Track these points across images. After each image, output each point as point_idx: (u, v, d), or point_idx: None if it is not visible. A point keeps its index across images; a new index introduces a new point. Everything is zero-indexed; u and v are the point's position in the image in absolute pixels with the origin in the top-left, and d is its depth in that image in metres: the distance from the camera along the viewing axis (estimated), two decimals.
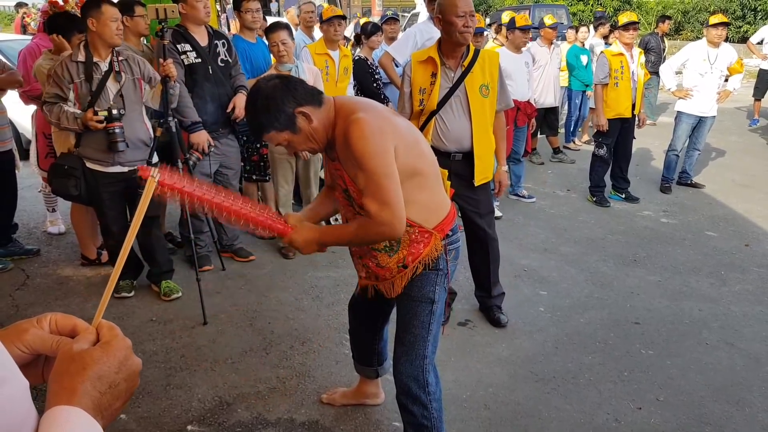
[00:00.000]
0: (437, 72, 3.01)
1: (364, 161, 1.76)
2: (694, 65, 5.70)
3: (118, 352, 0.69)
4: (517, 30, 5.31)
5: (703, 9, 22.79)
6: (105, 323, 0.72)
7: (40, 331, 0.71)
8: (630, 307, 3.62)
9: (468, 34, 2.88)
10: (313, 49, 4.69)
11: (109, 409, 0.66)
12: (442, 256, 2.02)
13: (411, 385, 2.09)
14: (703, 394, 2.77)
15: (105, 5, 3.20)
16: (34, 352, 0.70)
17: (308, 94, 1.86)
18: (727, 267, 4.20)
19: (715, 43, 5.61)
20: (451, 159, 3.09)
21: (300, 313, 3.48)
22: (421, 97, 3.05)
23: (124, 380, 0.68)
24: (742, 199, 5.73)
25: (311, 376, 2.87)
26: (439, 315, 2.14)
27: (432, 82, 3.01)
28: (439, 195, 2.02)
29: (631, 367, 2.99)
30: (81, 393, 0.63)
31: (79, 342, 0.69)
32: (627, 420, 2.59)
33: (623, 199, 5.65)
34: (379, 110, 1.91)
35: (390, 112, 2.00)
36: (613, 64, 5.29)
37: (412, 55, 3.15)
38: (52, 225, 4.76)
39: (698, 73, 5.67)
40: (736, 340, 3.24)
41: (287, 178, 4.21)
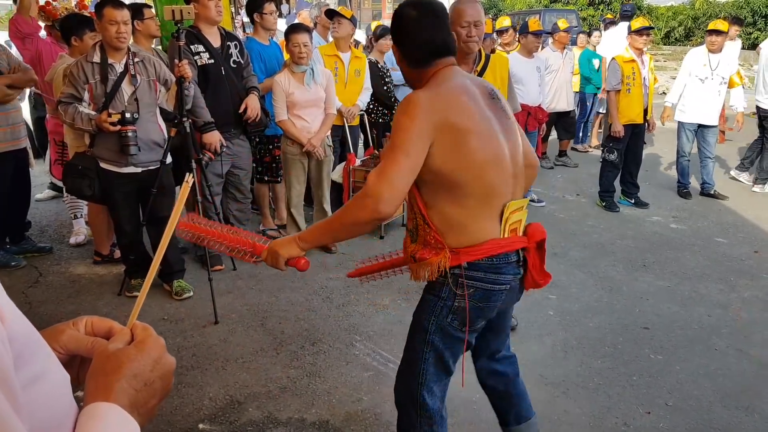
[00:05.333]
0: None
1: (392, 133, 1.68)
2: (695, 70, 5.70)
3: (153, 350, 0.70)
4: (530, 34, 5.32)
5: (713, 15, 22.71)
6: (139, 324, 0.74)
7: (76, 332, 0.72)
8: (639, 312, 3.62)
9: (472, 43, 2.88)
10: (323, 50, 4.73)
11: (145, 406, 0.67)
12: (448, 285, 1.77)
13: (402, 399, 1.95)
14: (711, 399, 2.78)
15: (107, 8, 3.20)
16: (70, 352, 0.71)
17: (431, 48, 1.78)
18: (737, 273, 4.20)
19: (714, 49, 5.61)
20: None
21: (310, 314, 3.50)
22: None
23: (159, 378, 0.69)
24: (752, 206, 5.72)
25: (321, 376, 2.89)
26: (441, 349, 1.85)
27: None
28: (480, 221, 1.75)
29: (640, 371, 2.99)
30: (117, 390, 0.64)
31: (115, 342, 0.70)
32: (636, 424, 2.60)
33: (632, 204, 5.65)
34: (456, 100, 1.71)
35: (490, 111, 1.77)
36: (625, 71, 5.29)
37: None
38: (74, 235, 4.60)
39: (699, 78, 5.67)
40: (745, 346, 3.24)
41: (299, 179, 4.24)
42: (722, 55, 5.68)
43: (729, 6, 26.78)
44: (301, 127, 4.10)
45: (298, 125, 4.10)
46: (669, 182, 6.33)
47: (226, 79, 3.90)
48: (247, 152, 4.19)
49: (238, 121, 3.99)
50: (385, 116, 5.44)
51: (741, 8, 25.56)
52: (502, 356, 2.11)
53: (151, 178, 3.44)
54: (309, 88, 4.08)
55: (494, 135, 1.75)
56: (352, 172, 4.71)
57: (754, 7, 25.23)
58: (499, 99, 1.84)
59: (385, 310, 3.55)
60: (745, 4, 26.52)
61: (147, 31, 4.01)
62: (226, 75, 3.90)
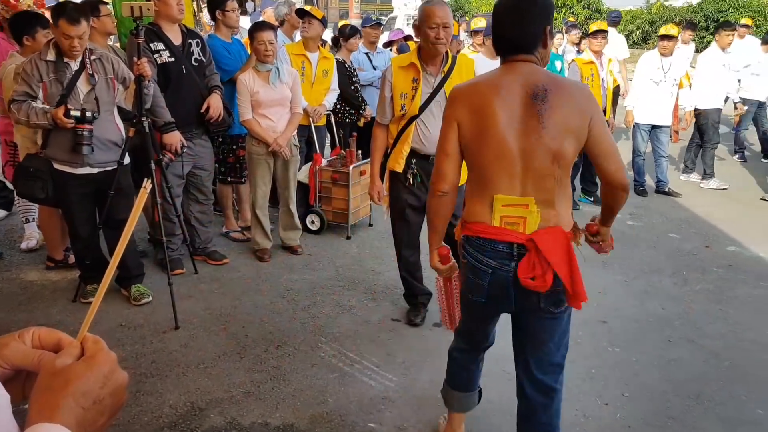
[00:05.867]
0: (419, 78, 3.08)
1: None
2: (649, 73, 5.88)
3: (103, 366, 0.67)
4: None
5: (669, 19, 23.46)
6: (90, 337, 0.71)
7: (22, 345, 0.68)
8: (598, 306, 3.71)
9: (440, 45, 2.98)
10: (290, 49, 4.71)
11: (93, 425, 0.64)
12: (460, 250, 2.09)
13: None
14: (665, 389, 2.87)
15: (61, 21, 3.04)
16: (15, 367, 0.68)
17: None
18: (689, 267, 4.35)
19: (665, 53, 5.81)
20: (429, 161, 3.15)
21: (275, 317, 3.48)
22: (402, 102, 3.10)
23: (109, 395, 0.66)
24: (703, 202, 5.93)
25: (286, 379, 2.88)
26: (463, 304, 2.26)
27: (414, 88, 3.08)
28: (477, 203, 1.97)
29: (598, 364, 3.08)
30: (64, 409, 0.61)
31: (63, 357, 0.67)
32: (594, 415, 2.67)
33: (592, 202, 5.79)
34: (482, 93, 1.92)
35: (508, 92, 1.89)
36: (584, 72, 5.42)
37: (392, 59, 3.23)
38: (25, 240, 4.45)
39: (652, 81, 5.86)
40: (696, 337, 3.36)
41: (265, 179, 4.20)
42: (674, 58, 5.88)
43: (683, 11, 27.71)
44: (267, 127, 4.07)
45: (264, 125, 4.07)
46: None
47: (188, 78, 3.85)
48: (209, 152, 4.14)
49: (199, 120, 3.94)
50: (351, 116, 5.44)
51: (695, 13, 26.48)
52: (536, 377, 2.08)
53: (108, 179, 3.36)
54: (274, 87, 4.05)
55: (505, 132, 1.87)
56: (319, 172, 4.70)
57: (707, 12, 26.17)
58: (543, 101, 1.85)
59: (351, 311, 3.56)
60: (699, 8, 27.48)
61: (103, 28, 3.91)
62: (188, 74, 3.84)
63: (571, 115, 1.86)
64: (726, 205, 5.88)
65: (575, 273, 1.87)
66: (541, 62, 2.00)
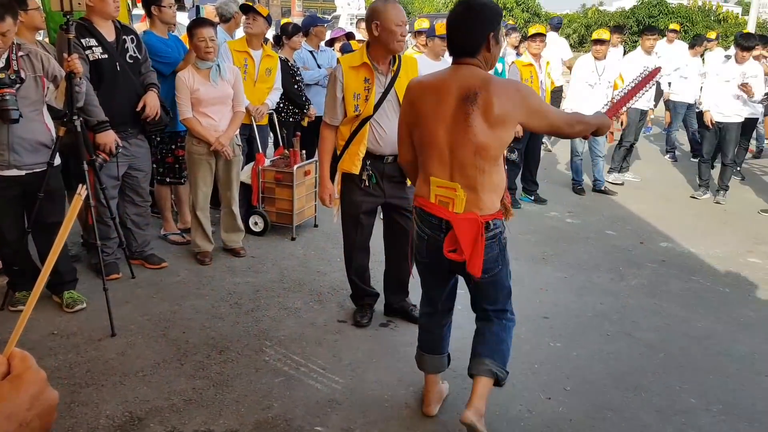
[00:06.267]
0: (371, 77, 3.05)
1: None
2: (584, 77, 6.08)
3: (30, 386, 0.63)
4: (437, 38, 5.43)
5: (603, 23, 24.42)
6: (18, 353, 0.66)
7: None
8: (539, 302, 3.80)
9: (403, 42, 3.04)
10: (233, 45, 4.60)
11: None
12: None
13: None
14: (605, 382, 2.97)
15: None
16: None
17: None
18: (625, 263, 4.52)
19: (598, 56, 6.04)
20: (384, 162, 3.15)
21: (217, 321, 3.39)
22: (356, 103, 3.05)
23: (38, 417, 0.63)
24: (638, 200, 6.19)
25: (229, 385, 2.81)
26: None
27: (367, 88, 3.04)
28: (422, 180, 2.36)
29: (541, 359, 3.15)
30: None
31: None
32: (538, 410, 2.73)
33: (532, 201, 5.94)
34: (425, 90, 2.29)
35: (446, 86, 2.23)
36: (524, 74, 5.55)
37: (341, 59, 3.15)
38: None
39: (588, 84, 6.06)
40: (633, 331, 3.49)
41: (206, 180, 4.08)
42: (607, 61, 6.10)
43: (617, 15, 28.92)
44: (208, 126, 3.96)
45: (205, 123, 3.95)
46: (565, 180, 6.71)
47: (122, 75, 3.69)
48: (145, 153, 3.99)
49: (135, 119, 3.79)
50: (295, 115, 5.37)
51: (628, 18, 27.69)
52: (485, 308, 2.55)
53: (36, 181, 3.18)
54: (215, 84, 3.95)
55: (436, 125, 2.23)
56: (261, 172, 4.61)
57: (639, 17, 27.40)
58: (473, 103, 2.14)
59: (296, 313, 3.51)
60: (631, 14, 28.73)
61: (31, 22, 3.69)
62: (122, 71, 3.69)
63: (498, 115, 2.14)
64: (658, 203, 6.15)
65: (476, 254, 2.25)
66: (487, 65, 2.27)
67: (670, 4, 29.03)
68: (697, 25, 25.57)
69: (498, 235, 2.33)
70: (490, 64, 2.29)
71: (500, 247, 2.36)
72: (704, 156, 6.43)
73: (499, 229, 2.34)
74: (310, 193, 4.81)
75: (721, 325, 3.59)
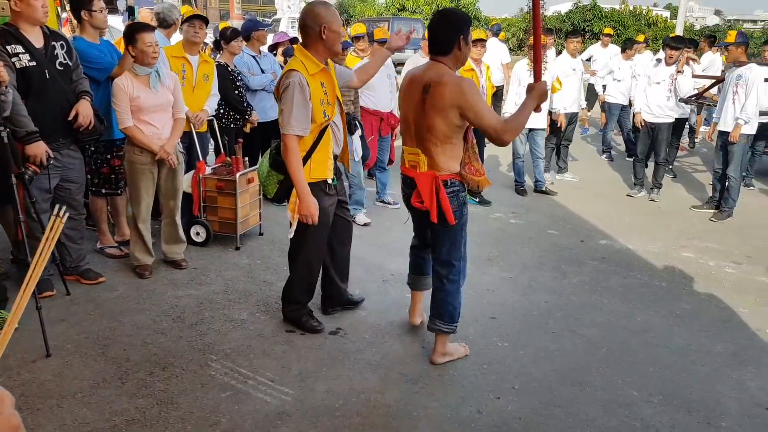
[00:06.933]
0: (327, 81, 3.10)
1: None
2: (521, 80, 6.23)
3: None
4: (376, 43, 5.45)
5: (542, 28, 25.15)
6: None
7: None
8: (487, 303, 3.86)
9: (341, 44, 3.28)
10: (169, 51, 4.47)
11: None
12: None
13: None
14: (551, 379, 3.04)
15: None
16: None
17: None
18: (567, 261, 4.65)
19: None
20: (336, 161, 3.28)
21: (159, 337, 3.27)
22: (323, 108, 3.05)
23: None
24: (577, 200, 6.38)
25: (174, 402, 2.71)
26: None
27: (325, 92, 3.07)
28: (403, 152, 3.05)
29: (489, 359, 3.19)
30: None
31: None
32: (488, 410, 2.76)
33: (477, 202, 6.03)
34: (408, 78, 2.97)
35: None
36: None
37: (297, 67, 2.99)
38: None
39: (525, 88, 6.19)
40: (576, 327, 3.59)
41: (149, 191, 3.94)
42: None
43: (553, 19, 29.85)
44: (151, 134, 3.84)
45: (147, 132, 3.82)
46: (508, 181, 6.85)
47: (52, 83, 3.52)
48: (79, 163, 3.81)
49: (67, 129, 3.61)
50: (237, 121, 5.26)
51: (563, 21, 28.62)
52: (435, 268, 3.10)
53: None
54: (156, 91, 3.83)
55: (408, 108, 2.90)
56: (203, 181, 4.49)
57: (574, 21, 28.38)
58: (427, 92, 2.76)
59: (242, 325, 3.43)
60: (567, 18, 29.71)
61: None
62: (52, 78, 3.52)
63: (440, 104, 2.73)
64: (597, 202, 6.37)
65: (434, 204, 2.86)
66: (458, 61, 2.88)
67: (603, 9, 30.19)
68: (628, 29, 26.67)
69: (456, 192, 2.90)
70: (461, 60, 2.90)
71: (458, 203, 2.91)
72: (638, 155, 6.70)
73: (457, 188, 2.90)
74: (254, 201, 4.72)
75: (659, 319, 3.75)
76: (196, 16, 4.59)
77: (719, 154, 5.94)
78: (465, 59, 2.94)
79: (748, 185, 7.09)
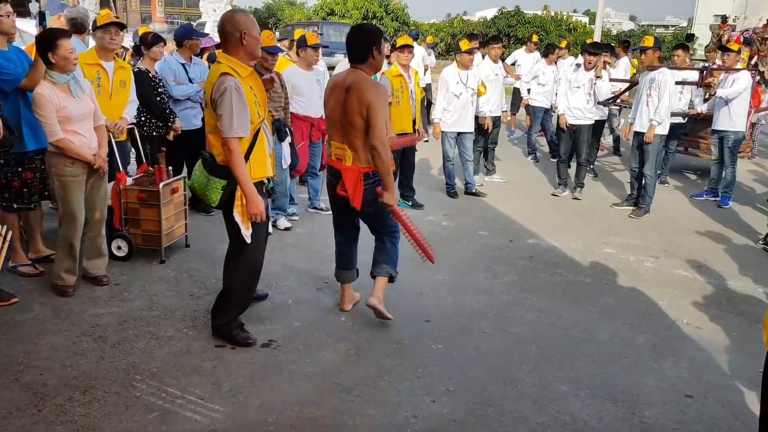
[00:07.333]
0: (254, 83, 3.16)
1: None
2: (450, 86, 6.34)
3: None
4: (309, 48, 5.39)
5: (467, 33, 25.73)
6: None
7: None
8: (421, 306, 3.89)
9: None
10: (82, 58, 4.23)
11: None
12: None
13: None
14: (484, 379, 3.09)
15: None
16: None
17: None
18: (497, 261, 4.76)
19: (465, 65, 6.31)
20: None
21: (79, 358, 3.09)
22: (257, 110, 3.11)
23: None
24: (506, 200, 6.55)
25: (96, 427, 2.57)
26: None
27: (255, 93, 3.13)
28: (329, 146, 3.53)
29: (424, 363, 3.21)
30: None
31: None
32: (423, 414, 2.77)
33: (410, 206, 6.07)
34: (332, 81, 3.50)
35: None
36: (394, 85, 5.66)
37: (233, 74, 3.00)
38: None
39: (454, 94, 6.32)
40: (506, 326, 3.67)
41: (82, 205, 3.75)
42: (470, 71, 6.39)
43: (479, 25, 30.63)
44: (82, 144, 3.66)
45: (77, 142, 3.63)
46: (439, 184, 6.95)
47: None
48: None
49: None
50: (159, 129, 5.06)
51: (489, 27, 29.42)
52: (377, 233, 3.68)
53: None
54: (79, 99, 3.66)
55: (335, 107, 3.37)
56: (123, 192, 4.29)
57: (499, 27, 29.25)
58: (348, 93, 3.26)
59: (169, 342, 3.29)
60: (492, 23, 30.57)
61: None
62: None
63: (355, 104, 3.25)
64: (524, 202, 6.56)
65: (357, 194, 3.36)
66: (373, 69, 3.42)
67: (526, 14, 31.24)
68: (550, 34, 27.72)
69: (375, 183, 3.39)
70: (376, 67, 3.45)
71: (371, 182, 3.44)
72: (561, 156, 6.95)
73: (376, 179, 3.39)
74: (179, 212, 4.55)
75: (584, 314, 3.89)
76: (113, 23, 4.38)
77: (635, 153, 6.26)
78: (380, 66, 3.50)
79: (663, 182, 7.50)
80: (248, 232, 3.11)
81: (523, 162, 8.85)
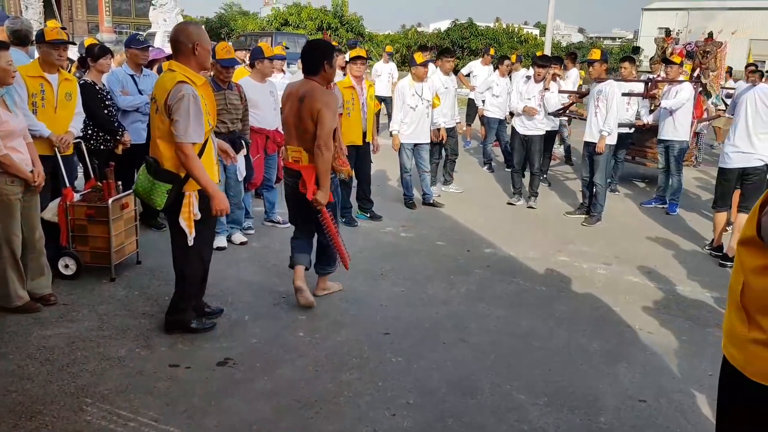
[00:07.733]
0: (205, 93, 3.32)
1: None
2: (405, 99, 6.39)
3: None
4: (266, 60, 5.34)
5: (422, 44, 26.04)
6: None
7: None
8: (380, 319, 3.88)
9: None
10: (24, 71, 4.07)
11: None
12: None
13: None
14: (444, 390, 3.09)
15: None
16: None
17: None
18: (455, 271, 4.79)
19: (420, 77, 6.37)
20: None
21: (25, 383, 2.95)
22: (208, 118, 3.26)
23: None
24: (462, 211, 6.62)
25: None
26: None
27: (205, 103, 3.27)
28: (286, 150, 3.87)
29: (384, 376, 3.19)
30: None
31: None
32: (384, 428, 2.75)
33: (368, 218, 6.07)
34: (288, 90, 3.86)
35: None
36: (345, 96, 5.65)
37: (189, 83, 3.15)
38: None
39: (410, 106, 6.37)
40: (465, 336, 3.69)
41: (19, 224, 3.60)
42: (425, 83, 6.44)
43: (434, 36, 31.05)
44: (20, 161, 3.53)
45: (17, 158, 3.50)
46: (397, 195, 6.97)
47: None
48: None
49: None
50: (107, 143, 4.91)
51: (443, 39, 29.85)
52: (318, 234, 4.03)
53: None
54: (17, 114, 3.54)
55: (290, 114, 3.72)
56: (70, 208, 4.13)
57: (453, 39, 29.71)
58: (302, 102, 3.63)
59: (121, 363, 3.18)
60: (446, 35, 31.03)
61: None
62: None
63: (308, 110, 3.60)
64: (481, 212, 6.64)
65: (311, 187, 3.67)
66: (325, 80, 3.77)
67: (479, 27, 31.87)
68: (503, 46, 28.32)
69: (331, 179, 3.78)
70: (328, 79, 3.83)
71: (333, 185, 3.87)
72: (515, 166, 7.09)
73: (332, 176, 3.83)
74: (130, 228, 4.41)
75: (541, 322, 3.95)
76: (65, 41, 4.25)
77: (586, 162, 6.43)
78: (331, 78, 3.92)
79: (613, 191, 7.73)
80: (192, 237, 3.28)
81: (479, 172, 8.97)
